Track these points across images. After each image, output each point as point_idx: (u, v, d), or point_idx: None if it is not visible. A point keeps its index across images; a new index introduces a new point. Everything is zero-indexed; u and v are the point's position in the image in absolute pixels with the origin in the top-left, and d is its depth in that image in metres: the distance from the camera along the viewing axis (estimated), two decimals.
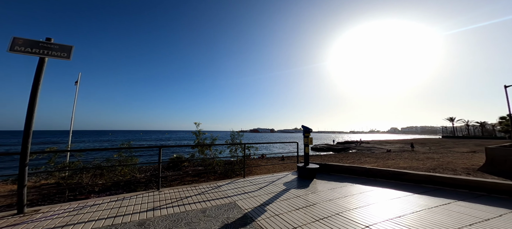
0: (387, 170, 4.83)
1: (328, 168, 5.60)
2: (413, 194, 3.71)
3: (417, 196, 3.58)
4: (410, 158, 12.75)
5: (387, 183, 4.47)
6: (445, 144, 27.77)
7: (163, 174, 8.51)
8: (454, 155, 13.79)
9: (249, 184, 4.54)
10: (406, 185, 4.29)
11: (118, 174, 6.03)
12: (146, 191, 4.20)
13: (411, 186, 4.22)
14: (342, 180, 4.76)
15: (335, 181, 4.67)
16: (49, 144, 35.31)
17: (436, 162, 10.24)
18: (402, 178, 4.53)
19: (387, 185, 4.27)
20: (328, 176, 5.16)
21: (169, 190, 4.27)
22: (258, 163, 12.24)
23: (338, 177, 5.02)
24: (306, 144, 5.02)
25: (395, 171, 4.69)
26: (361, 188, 4.10)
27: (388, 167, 8.45)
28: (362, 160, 12.72)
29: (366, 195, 3.67)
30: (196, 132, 8.91)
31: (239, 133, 11.43)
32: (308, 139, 4.99)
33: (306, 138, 5.01)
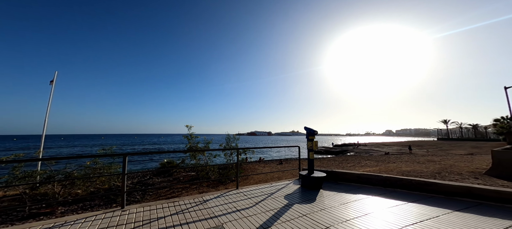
0: (409, 179, 4.04)
1: (336, 176, 4.85)
2: (453, 211, 2.80)
3: (460, 215, 2.65)
4: (411, 161, 12.43)
5: (411, 195, 3.63)
6: (441, 146, 27.88)
7: (151, 181, 7.82)
8: (454, 157, 13.57)
9: (243, 197, 3.70)
10: (436, 198, 3.37)
11: (95, 184, 5.36)
12: (107, 210, 3.10)
13: (442, 199, 3.32)
14: (355, 190, 4.01)
15: (346, 192, 3.92)
16: (25, 150, 33.64)
17: (438, 165, 9.91)
18: (429, 189, 3.67)
19: (412, 198, 3.41)
20: (336, 185, 4.42)
21: (138, 208, 3.18)
22: (255, 168, 11.67)
23: (348, 187, 4.28)
24: (310, 148, 4.31)
25: (420, 180, 3.86)
26: (381, 203, 3.27)
27: (403, 174, 8.03)
28: (363, 163, 12.33)
29: (392, 213, 2.83)
30: (188, 136, 8.29)
31: (235, 136, 10.87)
32: (312, 143, 4.27)
33: (310, 142, 4.29)
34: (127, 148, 40.25)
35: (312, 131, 4.32)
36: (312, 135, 4.32)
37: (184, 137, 8.29)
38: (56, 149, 37.43)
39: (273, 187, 4.33)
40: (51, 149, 36.94)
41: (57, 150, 32.85)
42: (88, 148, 40.57)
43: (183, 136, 8.42)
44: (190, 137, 8.25)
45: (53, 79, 6.14)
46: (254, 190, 4.18)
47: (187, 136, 8.28)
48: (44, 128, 5.84)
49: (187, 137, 8.24)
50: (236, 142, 10.50)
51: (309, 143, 4.37)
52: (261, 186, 4.44)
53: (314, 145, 4.36)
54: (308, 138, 4.40)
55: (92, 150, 35.17)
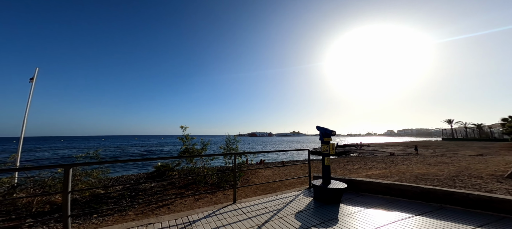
0: (460, 192, 3.10)
1: (357, 185, 3.89)
2: None
3: None
4: (420, 162, 11.77)
5: (471, 215, 2.67)
6: (448, 147, 27.12)
7: (143, 186, 7.22)
8: (466, 158, 12.89)
9: (241, 216, 2.78)
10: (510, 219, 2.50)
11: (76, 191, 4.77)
12: None
13: None
14: (387, 206, 3.05)
15: (375, 207, 3.02)
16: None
17: (453, 168, 9.25)
18: (493, 207, 2.75)
19: (477, 221, 2.48)
20: (358, 198, 3.51)
21: None
22: (256, 171, 11.04)
23: (376, 201, 3.33)
24: (326, 152, 3.48)
25: (480, 195, 2.95)
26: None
27: (418, 178, 7.38)
28: (369, 164, 11.68)
29: None
30: (183, 137, 7.69)
31: (235, 138, 10.27)
32: (329, 146, 3.45)
33: (326, 145, 3.46)
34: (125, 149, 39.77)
35: (328, 132, 3.47)
36: (328, 136, 3.50)
37: (179, 139, 7.68)
38: (49, 151, 36.92)
39: (279, 201, 3.40)
40: (45, 151, 36.43)
41: (53, 152, 32.36)
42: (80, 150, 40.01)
43: (177, 138, 7.82)
44: (185, 138, 7.65)
45: (33, 77, 5.63)
46: (255, 204, 3.22)
47: (182, 137, 7.68)
48: (23, 129, 5.30)
49: (182, 138, 7.64)
50: (236, 143, 9.91)
51: (324, 146, 3.52)
52: (264, 199, 3.52)
53: (331, 148, 3.49)
54: (322, 139, 3.55)
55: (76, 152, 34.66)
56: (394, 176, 7.48)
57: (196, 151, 7.98)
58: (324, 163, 3.53)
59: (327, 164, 3.51)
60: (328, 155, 3.50)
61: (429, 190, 3.30)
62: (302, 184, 6.90)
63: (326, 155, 3.51)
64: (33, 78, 5.64)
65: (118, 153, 32.32)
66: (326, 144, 3.51)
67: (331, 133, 3.46)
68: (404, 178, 7.10)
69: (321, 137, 3.62)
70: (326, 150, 3.52)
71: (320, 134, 3.65)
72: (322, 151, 3.57)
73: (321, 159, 3.61)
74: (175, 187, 7.23)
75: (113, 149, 40.40)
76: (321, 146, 3.58)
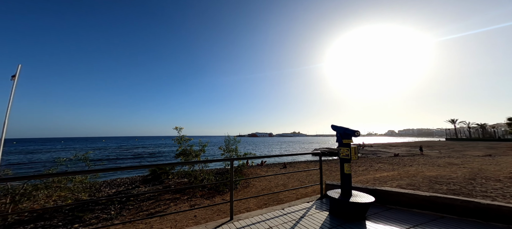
0: None
1: (384, 196, 3.10)
2: None
3: None
4: (429, 163, 11.26)
5: None
6: (453, 147, 26.54)
7: (136, 191, 6.75)
8: (475, 160, 12.37)
9: None
10: None
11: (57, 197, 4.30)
12: None
13: None
14: (430, 226, 2.37)
15: (413, 226, 2.37)
16: None
17: (465, 169, 8.74)
18: None
19: None
20: (387, 213, 2.76)
21: None
22: (257, 172, 10.55)
23: (411, 218, 2.60)
24: (346, 157, 2.78)
25: None
26: None
27: (431, 181, 6.88)
28: (375, 166, 11.17)
29: None
30: (179, 138, 7.22)
31: (235, 138, 9.80)
32: (349, 150, 2.74)
33: (346, 148, 2.77)
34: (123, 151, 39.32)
35: (349, 132, 2.76)
36: (348, 137, 2.77)
37: (175, 141, 7.20)
38: (40, 153, 36.47)
39: (287, 217, 2.70)
40: (33, 153, 35.96)
41: (41, 155, 31.89)
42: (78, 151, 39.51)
43: (172, 140, 7.33)
44: (181, 139, 7.17)
45: (15, 74, 5.22)
46: (257, 222, 2.53)
47: (177, 138, 7.20)
48: (4, 130, 4.86)
49: (178, 139, 7.16)
50: (236, 144, 9.44)
51: (343, 150, 2.81)
52: (268, 213, 2.83)
53: (353, 152, 2.74)
54: (341, 141, 2.83)
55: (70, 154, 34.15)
56: (405, 179, 6.99)
57: (193, 152, 7.52)
58: (344, 171, 2.78)
59: (347, 172, 2.78)
60: (349, 160, 2.77)
61: (489, 207, 2.39)
62: (313, 192, 5.98)
63: (345, 160, 2.80)
64: (15, 75, 5.21)
65: (115, 154, 31.85)
66: (346, 147, 2.79)
67: (354, 133, 2.72)
68: (416, 181, 6.61)
69: (338, 138, 2.90)
70: (346, 154, 2.78)
71: (337, 134, 2.92)
72: (340, 155, 2.86)
73: (340, 165, 2.89)
74: (170, 191, 6.76)
75: (112, 150, 39.94)
76: (339, 149, 2.87)
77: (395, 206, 3.03)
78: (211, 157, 8.66)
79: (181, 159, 7.05)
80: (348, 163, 2.80)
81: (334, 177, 8.92)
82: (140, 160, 23.00)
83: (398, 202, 3.04)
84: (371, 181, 7.26)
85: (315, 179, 8.39)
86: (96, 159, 23.42)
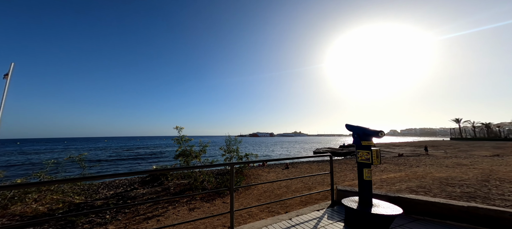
0: None
1: (409, 205, 2.63)
2: None
3: None
4: (436, 164, 10.90)
5: None
6: (458, 147, 26.02)
7: (134, 193, 6.53)
8: (484, 160, 11.98)
9: None
10: None
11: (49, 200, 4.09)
12: None
13: None
14: None
15: None
16: None
17: (476, 170, 8.39)
18: None
19: None
20: (414, 225, 2.39)
21: None
22: (258, 173, 10.29)
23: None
24: (366, 161, 2.36)
25: None
26: None
27: (442, 183, 6.56)
28: (381, 167, 10.83)
29: None
30: (179, 138, 6.98)
31: (236, 139, 9.56)
32: (370, 153, 2.33)
33: (366, 151, 2.36)
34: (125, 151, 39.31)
35: (370, 132, 2.35)
36: (368, 138, 2.37)
37: (174, 141, 6.96)
38: (47, 153, 36.60)
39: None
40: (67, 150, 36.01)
41: (49, 155, 31.96)
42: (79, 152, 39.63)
43: (172, 140, 7.08)
44: (181, 140, 6.93)
45: (8, 73, 5.03)
46: None
47: (177, 138, 6.96)
48: None
49: (178, 140, 6.92)
50: (237, 144, 9.20)
51: (362, 153, 2.37)
52: (274, 225, 2.50)
53: (375, 156, 2.31)
54: (360, 143, 2.40)
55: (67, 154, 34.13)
56: (414, 181, 6.67)
57: (194, 153, 7.28)
58: (363, 176, 2.36)
59: (367, 178, 2.35)
60: (369, 165, 2.35)
61: None
62: (322, 198, 5.28)
63: (365, 165, 2.36)
64: (8, 74, 5.03)
65: (116, 154, 31.77)
66: (365, 149, 2.34)
67: (377, 134, 2.28)
68: (426, 182, 6.29)
69: (356, 140, 2.43)
70: (365, 158, 2.33)
71: (354, 135, 2.48)
72: (359, 160, 2.41)
73: (357, 170, 2.46)
74: (169, 193, 6.52)
75: (113, 150, 39.91)
76: (358, 153, 2.43)
77: (423, 217, 2.52)
78: (212, 157, 8.43)
79: (180, 160, 6.82)
80: (369, 169, 2.37)
81: (338, 178, 8.62)
82: (140, 161, 22.86)
83: (428, 213, 2.52)
84: (378, 182, 6.96)
85: (319, 180, 8.11)
86: (96, 160, 23.34)
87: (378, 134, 2.31)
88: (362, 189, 2.39)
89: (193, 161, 7.26)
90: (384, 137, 18.53)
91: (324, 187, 7.05)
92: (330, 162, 3.23)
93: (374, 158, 2.31)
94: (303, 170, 10.87)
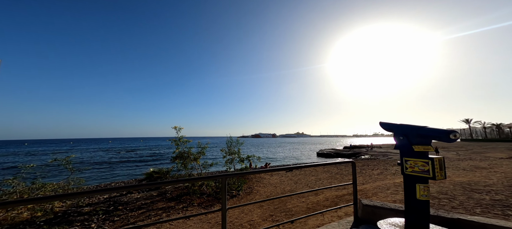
0: None
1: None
2: None
3: None
4: (452, 167, 10.19)
5: None
6: (471, 148, 24.91)
7: (126, 198, 6.10)
8: (503, 162, 11.21)
9: None
10: None
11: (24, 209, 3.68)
12: None
13: None
14: None
15: None
16: None
17: (498, 174, 7.69)
18: None
19: None
20: None
21: None
22: (261, 177, 9.77)
23: None
24: (422, 175, 1.59)
25: None
26: None
27: (464, 187, 5.95)
28: (392, 169, 10.19)
29: None
30: (176, 139, 6.54)
31: (238, 140, 9.10)
32: (431, 164, 1.54)
33: (422, 161, 1.59)
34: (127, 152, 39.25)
35: (432, 133, 1.57)
36: (425, 141, 1.62)
37: (172, 142, 6.51)
38: (50, 154, 36.79)
39: None
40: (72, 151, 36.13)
41: (51, 156, 32.18)
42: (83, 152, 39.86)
43: (169, 141, 6.63)
44: (178, 141, 6.48)
45: None
46: None
47: (175, 139, 6.51)
48: None
49: (175, 141, 6.48)
50: (238, 146, 8.74)
51: (415, 163, 1.64)
52: None
53: (437, 167, 1.53)
54: (409, 148, 1.67)
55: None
56: (432, 185, 6.06)
57: (192, 155, 6.84)
58: (416, 195, 1.62)
59: (423, 197, 1.60)
60: (426, 179, 1.61)
61: None
62: (346, 213, 4.13)
63: (419, 179, 1.61)
64: None
65: (115, 156, 31.47)
66: (420, 158, 1.60)
67: (446, 135, 1.48)
68: (447, 188, 5.68)
69: (404, 144, 1.70)
70: (421, 169, 1.59)
71: (399, 137, 1.74)
72: (407, 171, 1.67)
73: (404, 186, 1.73)
74: (165, 198, 6.08)
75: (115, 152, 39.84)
76: (406, 162, 1.68)
77: None
78: (211, 159, 7.97)
79: (177, 162, 6.37)
80: (425, 184, 1.60)
81: (346, 182, 8.02)
82: (138, 163, 22.51)
83: None
84: (392, 187, 6.37)
85: (327, 184, 7.55)
86: (95, 162, 23.12)
87: (449, 135, 1.47)
88: (413, 211, 1.67)
89: (191, 163, 6.82)
90: (388, 137, 17.35)
91: (333, 191, 6.50)
92: (353, 169, 2.46)
93: (437, 170, 1.53)
94: (308, 173, 10.31)
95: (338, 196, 5.82)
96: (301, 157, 31.12)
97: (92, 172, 14.62)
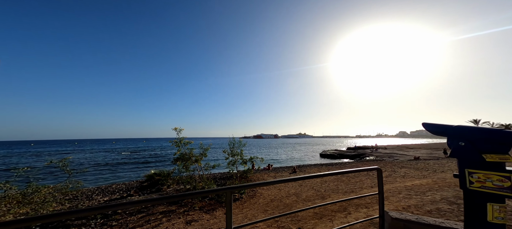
0: None
1: None
2: None
3: None
4: None
5: None
6: None
7: (127, 200, 5.90)
8: None
9: None
10: None
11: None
12: None
13: None
14: None
15: None
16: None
17: None
18: None
19: None
20: None
21: None
22: (264, 177, 9.52)
23: None
24: (496, 192, 1.27)
25: None
26: None
27: None
28: (400, 171, 9.80)
29: None
30: (177, 140, 6.35)
31: (240, 141, 8.90)
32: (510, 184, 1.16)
33: (498, 174, 1.25)
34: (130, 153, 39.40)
35: (508, 138, 1.23)
36: (500, 149, 1.25)
37: (173, 143, 6.33)
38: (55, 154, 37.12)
39: None
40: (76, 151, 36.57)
41: (54, 156, 32.42)
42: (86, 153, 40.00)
43: (170, 142, 6.44)
44: (179, 142, 6.29)
45: None
46: None
47: (175, 140, 6.33)
48: None
49: (176, 142, 6.29)
50: (241, 147, 8.53)
51: (485, 176, 1.30)
52: None
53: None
54: (476, 156, 1.31)
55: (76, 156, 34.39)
56: (447, 190, 5.71)
57: (193, 156, 6.66)
58: (488, 217, 1.31)
59: (498, 220, 1.28)
60: (503, 198, 1.28)
61: None
62: (370, 213, 3.89)
63: (496, 197, 1.29)
64: None
65: (115, 157, 31.50)
66: (494, 171, 1.28)
67: None
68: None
69: (466, 150, 1.38)
70: (495, 185, 1.27)
71: (460, 143, 1.40)
72: (472, 186, 1.37)
73: (464, 204, 1.46)
74: (165, 200, 5.87)
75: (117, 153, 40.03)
76: (471, 175, 1.37)
77: None
78: (213, 161, 7.77)
79: (179, 164, 6.18)
80: (502, 205, 1.28)
81: (355, 185, 7.69)
82: (139, 165, 22.45)
83: None
84: (403, 191, 6.05)
85: (333, 187, 7.26)
86: (95, 164, 23.16)
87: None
88: None
89: (193, 165, 6.62)
90: (392, 138, 16.80)
91: (339, 195, 6.21)
92: (379, 177, 2.03)
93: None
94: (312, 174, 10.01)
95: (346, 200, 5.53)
96: (304, 158, 30.74)
97: (92, 173, 14.59)
